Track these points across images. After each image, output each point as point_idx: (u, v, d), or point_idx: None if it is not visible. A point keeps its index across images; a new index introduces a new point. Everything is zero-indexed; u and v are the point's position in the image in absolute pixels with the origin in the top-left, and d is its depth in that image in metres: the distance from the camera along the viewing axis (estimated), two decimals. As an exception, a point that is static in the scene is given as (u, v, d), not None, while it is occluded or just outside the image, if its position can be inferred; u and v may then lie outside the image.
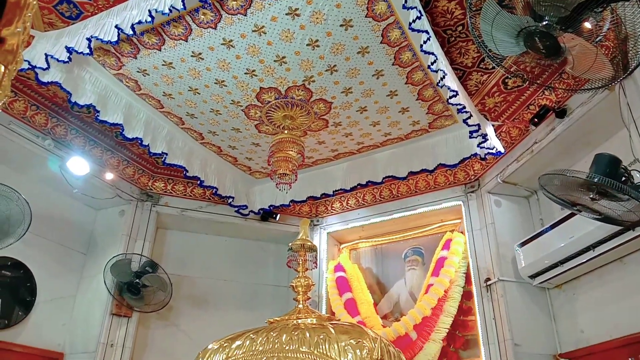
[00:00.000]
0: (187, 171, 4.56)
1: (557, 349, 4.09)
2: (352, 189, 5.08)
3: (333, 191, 5.09)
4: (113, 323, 4.58)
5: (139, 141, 4.13)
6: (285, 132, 4.08)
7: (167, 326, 5.12)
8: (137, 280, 4.60)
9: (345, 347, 2.58)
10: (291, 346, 2.70)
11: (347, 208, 5.64)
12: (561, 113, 3.79)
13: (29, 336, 4.36)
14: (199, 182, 4.76)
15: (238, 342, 2.90)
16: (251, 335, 2.91)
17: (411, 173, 4.70)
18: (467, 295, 4.69)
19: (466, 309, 4.67)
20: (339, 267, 5.57)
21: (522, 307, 4.21)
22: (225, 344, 2.93)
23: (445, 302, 4.63)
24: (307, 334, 2.73)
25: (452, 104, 3.55)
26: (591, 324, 3.87)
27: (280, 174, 3.83)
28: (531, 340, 4.09)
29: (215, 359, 2.87)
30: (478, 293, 4.46)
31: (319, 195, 5.18)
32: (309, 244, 3.39)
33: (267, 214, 5.52)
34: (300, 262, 3.35)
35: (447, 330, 4.56)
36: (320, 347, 2.63)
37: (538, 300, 4.27)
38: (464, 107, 3.56)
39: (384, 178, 4.80)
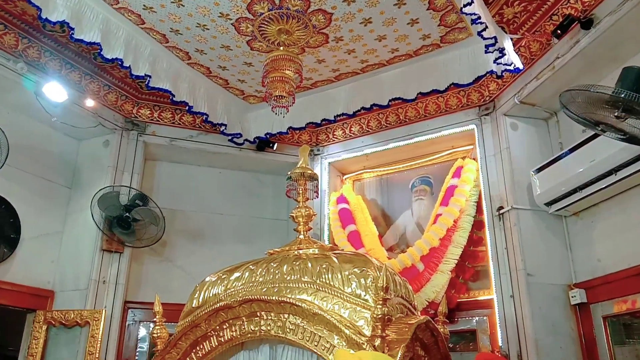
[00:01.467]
0: (173, 96, 4.50)
1: (572, 278, 4.21)
2: (356, 113, 5.03)
3: (335, 116, 5.05)
4: (104, 259, 4.71)
5: (119, 62, 4.04)
6: (281, 48, 3.98)
7: (161, 262, 5.26)
8: (127, 214, 4.67)
9: (349, 276, 2.66)
10: (292, 276, 2.78)
11: (350, 135, 5.62)
12: (587, 23, 3.67)
13: (17, 273, 4.50)
14: (187, 108, 4.71)
15: (237, 274, 2.98)
16: (250, 266, 2.99)
17: (420, 94, 4.64)
18: (478, 225, 4.78)
19: (476, 240, 4.77)
20: (341, 199, 5.64)
21: (537, 236, 4.29)
22: (224, 276, 3.01)
23: (455, 233, 4.72)
24: (309, 264, 2.80)
25: (467, 14, 3.43)
26: (608, 253, 3.96)
27: (276, 96, 3.77)
28: (545, 270, 4.20)
29: (214, 292, 2.96)
30: (490, 222, 4.54)
31: (320, 121, 5.14)
32: (309, 172, 3.41)
33: (263, 143, 5.52)
34: (300, 192, 3.38)
35: (456, 262, 4.67)
36: (323, 276, 2.71)
37: (554, 228, 4.34)
38: (480, 18, 3.45)
39: (390, 101, 4.75)
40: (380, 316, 2.37)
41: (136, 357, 4.89)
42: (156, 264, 5.24)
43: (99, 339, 4.30)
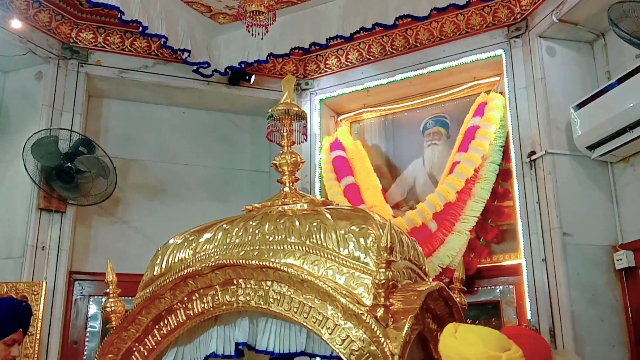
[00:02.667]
0: (122, 13, 4.42)
1: (617, 238, 4.31)
2: (353, 36, 4.99)
3: (327, 39, 5.01)
4: (42, 220, 4.74)
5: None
6: (258, -53, 3.91)
7: (113, 223, 5.30)
8: (69, 164, 4.68)
9: (346, 236, 2.69)
10: (276, 237, 2.81)
11: (347, 65, 5.59)
12: None
13: None
14: (140, 29, 4.64)
15: (208, 235, 3.01)
16: (224, 225, 3.01)
17: (435, 10, 4.60)
18: (504, 174, 4.82)
19: (502, 192, 4.83)
20: (336, 145, 5.65)
21: (576, 186, 4.36)
22: (192, 238, 3.04)
23: (475, 184, 4.77)
24: (297, 222, 2.83)
25: None
26: (663, 206, 4.05)
27: (253, 12, 3.72)
28: (585, 228, 4.30)
29: (180, 256, 2.99)
30: (519, 171, 4.60)
31: (308, 46, 5.10)
32: (296, 109, 3.38)
33: (237, 75, 5.48)
34: (285, 134, 3.38)
35: (477, 220, 4.75)
36: (314, 236, 2.74)
37: (597, 177, 4.42)
38: None
39: (396, 19, 4.70)
40: (383, 282, 2.42)
41: (86, 339, 4.99)
42: (107, 227, 5.28)
43: (40, 317, 4.38)
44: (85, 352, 4.95)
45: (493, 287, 4.85)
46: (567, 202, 4.31)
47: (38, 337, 4.35)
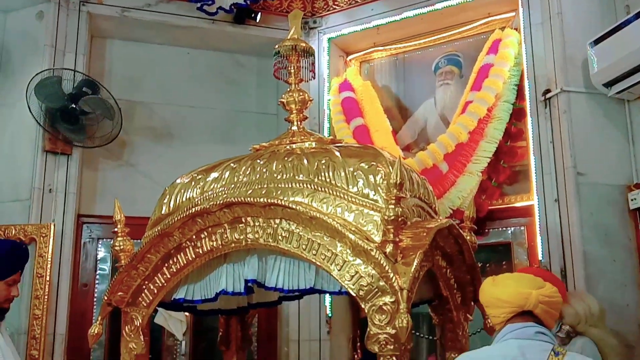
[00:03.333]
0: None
1: (632, 178, 4.31)
2: (363, -29, 4.92)
3: (335, -26, 4.94)
4: (48, 163, 4.79)
5: None
6: None
7: (120, 166, 5.35)
8: (73, 105, 4.70)
9: (355, 173, 2.71)
10: (284, 175, 2.83)
11: (357, 2, 5.54)
12: None
13: (-61, 181, 4.62)
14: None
15: (215, 174, 3.03)
16: (232, 164, 3.04)
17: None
18: (517, 114, 4.80)
19: (515, 132, 4.82)
20: (345, 86, 5.63)
21: (591, 125, 4.34)
22: (199, 177, 3.07)
23: (488, 124, 4.76)
24: (305, 160, 2.85)
25: None
26: (680, 144, 4.04)
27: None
28: (599, 168, 4.29)
29: (188, 195, 3.03)
30: (533, 110, 4.56)
31: (316, -18, 5.03)
32: (303, 45, 3.36)
33: (243, 13, 5.42)
34: (292, 71, 3.37)
35: (489, 160, 4.75)
36: (322, 174, 2.76)
37: (613, 116, 4.39)
38: None
39: (407, -48, 4.62)
40: (392, 218, 2.45)
41: (96, 281, 5.10)
42: (114, 170, 5.33)
43: (49, 259, 4.47)
44: (95, 294, 5.07)
45: (504, 228, 4.89)
46: (581, 141, 4.30)
47: (48, 279, 4.45)
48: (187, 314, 5.11)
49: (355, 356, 5.17)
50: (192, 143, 5.61)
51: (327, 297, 5.06)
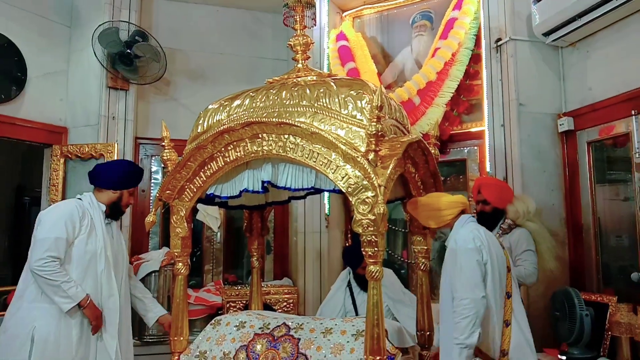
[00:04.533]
0: None
1: (562, 108, 4.27)
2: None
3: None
4: (111, 96, 4.74)
5: None
6: None
7: (166, 100, 5.30)
8: (128, 51, 4.60)
9: (346, 99, 2.68)
10: (291, 101, 2.81)
11: (350, -33, 5.31)
12: None
13: (29, 111, 4.57)
14: None
15: (238, 102, 3.01)
16: (251, 93, 3.00)
17: None
18: (475, 58, 4.69)
19: (473, 73, 4.72)
20: (341, 36, 5.48)
21: (532, 67, 4.25)
22: (225, 103, 3.05)
23: (452, 66, 4.66)
24: (307, 90, 2.81)
25: None
26: (600, 81, 3.96)
27: None
28: (537, 100, 4.24)
29: (217, 118, 3.01)
30: (487, 55, 4.45)
31: (318, -49, 4.81)
32: (306, -1, 3.27)
33: (261, -22, 5.23)
34: (298, 19, 3.28)
35: (452, 95, 4.68)
36: (321, 100, 2.74)
37: (549, 60, 4.29)
38: None
39: None
40: (374, 132, 2.45)
41: (151, 188, 5.15)
42: (162, 103, 5.28)
43: (115, 169, 4.49)
44: (151, 198, 5.13)
45: (462, 148, 4.87)
46: (524, 80, 4.22)
47: (114, 184, 4.48)
48: (220, 212, 5.22)
49: (347, 243, 5.30)
50: (221, 82, 5.53)
51: (326, 199, 5.11)
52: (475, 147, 4.75)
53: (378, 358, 2.39)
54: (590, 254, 4.04)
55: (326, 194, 5.05)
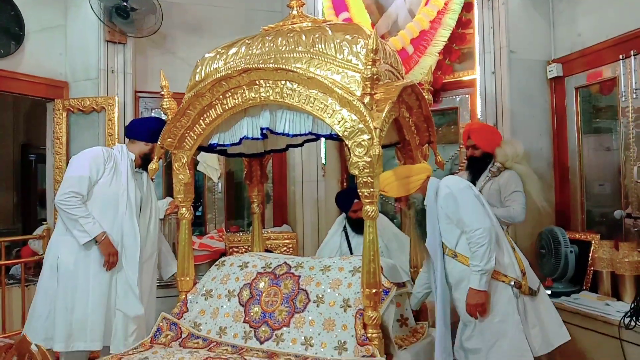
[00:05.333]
0: None
1: (551, 54, 4.20)
2: None
3: None
4: (109, 50, 4.62)
5: None
6: None
7: (164, 54, 5.17)
8: (125, 3, 4.44)
9: (341, 44, 2.63)
10: (287, 47, 2.75)
11: None
12: None
13: (29, 66, 4.47)
14: None
15: (234, 49, 2.94)
16: (247, 41, 2.94)
17: None
18: (467, 7, 4.52)
19: (465, 22, 4.58)
20: (335, -14, 5.31)
21: (523, 14, 4.14)
22: (222, 51, 2.98)
23: (445, 15, 4.51)
24: (303, 36, 2.75)
25: None
26: (589, 27, 3.88)
27: None
28: (527, 47, 4.16)
29: (214, 66, 2.95)
30: (479, 2, 4.32)
31: None
32: (300, -53, 3.14)
33: None
34: (292, -34, 3.17)
35: (444, 44, 4.57)
36: (317, 46, 2.68)
37: (539, 6, 4.18)
38: None
39: None
40: (369, 76, 2.41)
41: (153, 140, 5.09)
42: (159, 56, 5.15)
43: (116, 122, 4.45)
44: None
45: (453, 97, 4.79)
46: (515, 27, 4.12)
47: (117, 136, 4.44)
48: (220, 164, 5.20)
49: (343, 191, 5.30)
50: (217, 35, 5.33)
51: (322, 149, 5.08)
52: (467, 96, 4.68)
53: (374, 290, 2.44)
54: (576, 196, 4.07)
55: (322, 144, 5.03)
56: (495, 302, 2.53)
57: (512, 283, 2.53)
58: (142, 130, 3.40)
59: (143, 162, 3.36)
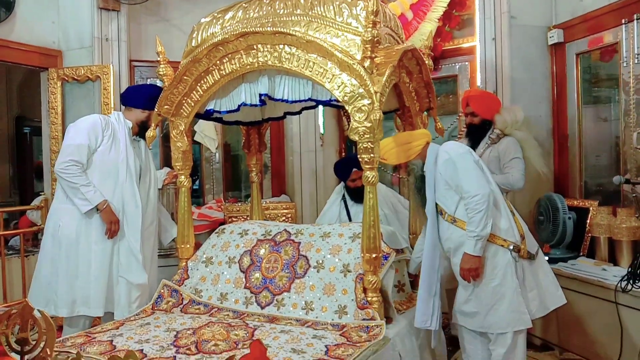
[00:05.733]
0: None
1: (552, 20, 4.13)
2: None
3: None
4: (103, 17, 4.51)
5: None
6: None
7: (158, 21, 5.05)
8: (117, -32, 4.34)
9: (341, 6, 2.57)
10: (285, 11, 2.70)
11: None
12: None
13: (21, 34, 4.36)
14: None
15: (230, 13, 2.89)
16: (244, 4, 2.88)
17: None
18: (467, -29, 4.48)
19: (465, -14, 4.53)
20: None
21: (524, -22, 4.08)
22: (218, 16, 2.93)
23: (444, -20, 4.45)
24: None
25: None
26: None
27: None
28: (528, 12, 4.09)
29: (211, 31, 2.90)
30: (479, -33, 4.26)
31: None
32: None
33: None
34: None
35: (444, 10, 4.49)
36: (315, 9, 2.63)
37: (541, -31, 4.11)
38: None
39: None
40: (370, 38, 2.37)
41: (149, 110, 5.02)
42: (154, 24, 5.04)
43: (111, 91, 4.38)
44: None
45: (453, 65, 4.73)
46: (515, -9, 4.06)
47: (112, 106, 4.38)
48: (218, 134, 5.16)
49: (341, 161, 5.28)
50: (212, 1, 5.24)
51: (320, 119, 5.04)
52: (467, 63, 4.62)
53: (374, 255, 2.45)
54: (575, 164, 4.06)
55: (320, 114, 4.98)
56: (494, 266, 2.54)
57: (511, 247, 2.54)
58: (138, 97, 3.33)
59: (140, 130, 3.32)
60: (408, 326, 2.64)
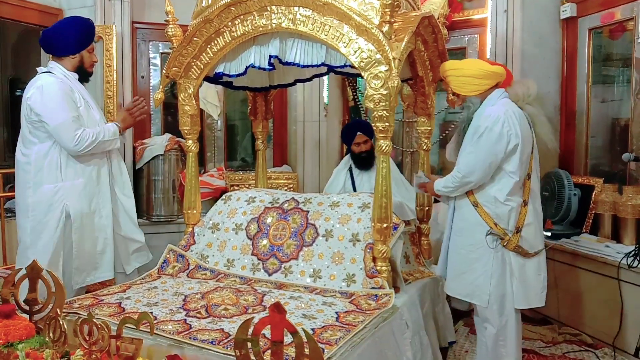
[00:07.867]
0: None
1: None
2: None
3: None
4: (106, -25, 4.37)
5: None
6: None
7: (161, -17, 4.91)
8: None
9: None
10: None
11: None
12: None
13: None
14: None
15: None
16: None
17: None
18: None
19: (478, -44, 4.41)
20: None
21: (539, -51, 3.97)
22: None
23: (458, -47, 4.33)
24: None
25: None
26: (610, -36, 3.72)
27: None
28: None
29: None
30: (494, -64, 4.13)
31: None
32: None
33: None
34: None
35: (457, -20, 4.41)
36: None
37: (557, -60, 4.00)
38: None
39: None
40: (390, 2, 2.29)
41: (150, 74, 4.90)
42: (157, -15, 4.90)
43: (114, 52, 4.26)
44: (151, 83, 4.89)
45: (462, 37, 4.65)
46: (529, -37, 3.96)
47: (115, 67, 4.27)
48: (220, 100, 5.06)
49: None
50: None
51: (325, 89, 4.96)
52: (476, 36, 4.54)
53: (385, 225, 2.42)
54: (581, 141, 4.04)
55: (325, 84, 4.90)
56: (476, 244, 2.50)
57: (495, 232, 2.46)
58: (67, 43, 2.95)
59: (80, 76, 3.02)
60: (415, 296, 2.64)
